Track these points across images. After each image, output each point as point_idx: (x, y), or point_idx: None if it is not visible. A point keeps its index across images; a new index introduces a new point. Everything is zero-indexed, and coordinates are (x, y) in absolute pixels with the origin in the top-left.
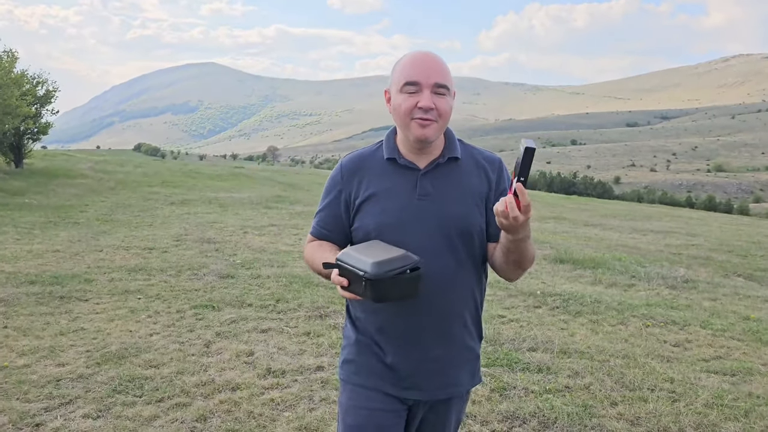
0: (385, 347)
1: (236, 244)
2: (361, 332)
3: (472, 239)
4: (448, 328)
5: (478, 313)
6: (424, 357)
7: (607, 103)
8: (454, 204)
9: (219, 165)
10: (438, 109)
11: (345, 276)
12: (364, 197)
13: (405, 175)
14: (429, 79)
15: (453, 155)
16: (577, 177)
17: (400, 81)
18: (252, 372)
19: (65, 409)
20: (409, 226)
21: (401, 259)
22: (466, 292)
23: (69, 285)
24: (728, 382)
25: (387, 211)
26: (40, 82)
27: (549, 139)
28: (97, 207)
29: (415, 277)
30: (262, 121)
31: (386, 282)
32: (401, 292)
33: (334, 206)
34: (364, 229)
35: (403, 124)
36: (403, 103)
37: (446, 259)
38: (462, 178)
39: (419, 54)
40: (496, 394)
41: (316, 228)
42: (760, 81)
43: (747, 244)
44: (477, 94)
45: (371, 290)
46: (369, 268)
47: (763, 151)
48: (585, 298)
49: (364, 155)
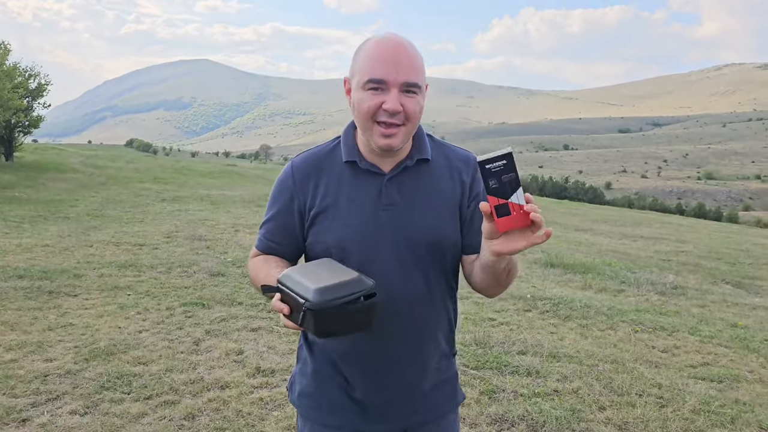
0: (353, 380)
1: (227, 241)
2: (319, 361)
3: (445, 253)
4: (420, 351)
5: (452, 330)
6: (397, 385)
7: (600, 108)
8: (425, 213)
9: (211, 162)
10: (406, 112)
11: (286, 302)
12: (321, 207)
13: (367, 182)
14: (398, 77)
15: (422, 156)
16: (568, 182)
17: (362, 75)
18: (241, 371)
19: (52, 404)
20: (373, 241)
21: (352, 284)
22: (439, 311)
23: (58, 280)
24: (715, 389)
25: (348, 225)
26: (33, 75)
27: (542, 143)
28: (88, 202)
29: (369, 307)
30: (256, 119)
31: (330, 312)
32: (350, 325)
33: (284, 216)
34: (323, 245)
35: (365, 127)
36: (365, 102)
37: (416, 277)
38: (433, 183)
39: (388, 43)
40: (485, 397)
41: (263, 241)
42: (751, 90)
43: (735, 252)
44: (471, 97)
45: (313, 322)
46: (311, 295)
47: (753, 159)
48: (575, 302)
49: (320, 155)
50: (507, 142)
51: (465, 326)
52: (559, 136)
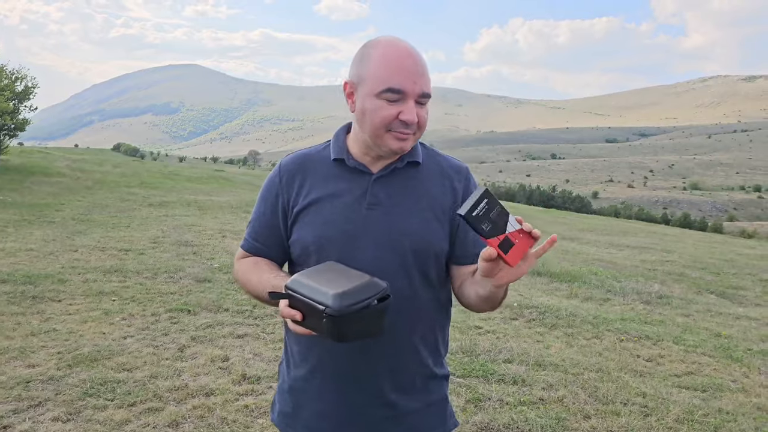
0: (327, 396)
1: (214, 247)
2: (295, 377)
3: (430, 259)
4: (400, 365)
5: (439, 347)
6: (370, 402)
7: (587, 118)
8: (410, 216)
9: (199, 167)
10: (420, 122)
11: (297, 308)
12: (304, 204)
13: (354, 180)
14: (415, 88)
15: (413, 159)
16: (556, 191)
17: (378, 83)
18: (227, 377)
19: (34, 411)
20: (354, 241)
21: (368, 287)
22: (424, 321)
23: (42, 285)
24: (699, 398)
25: (329, 222)
26: (20, 77)
27: (529, 152)
28: (74, 206)
29: (382, 309)
30: (244, 125)
31: (350, 317)
32: (365, 329)
33: (269, 215)
34: (302, 244)
35: (376, 134)
36: (381, 111)
37: (399, 282)
38: (422, 186)
39: (402, 51)
40: (471, 405)
41: (249, 241)
42: (736, 102)
43: (720, 262)
44: (459, 105)
45: (333, 328)
46: (331, 301)
47: (738, 170)
48: (561, 311)
49: (308, 155)
50: (495, 150)
51: (451, 334)
52: (547, 146)
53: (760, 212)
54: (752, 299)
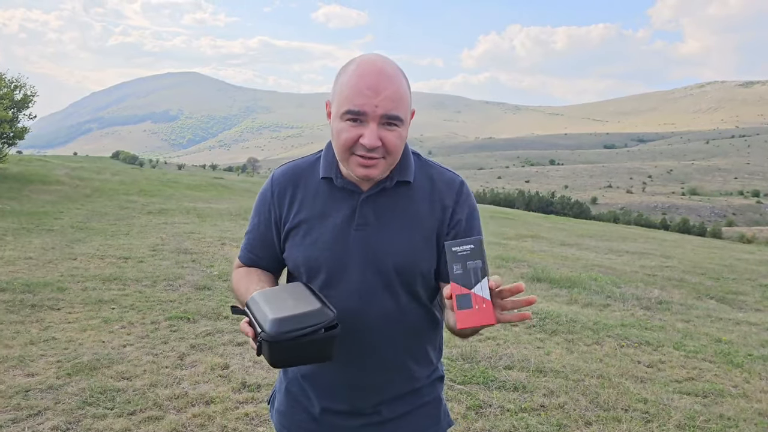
0: (312, 396)
1: (213, 255)
2: (289, 378)
3: (415, 279)
4: (387, 381)
5: (431, 356)
6: (359, 411)
7: (585, 124)
8: (398, 237)
9: (198, 175)
10: (386, 146)
11: (252, 326)
12: (294, 223)
13: (343, 200)
14: (376, 110)
15: (403, 179)
16: (554, 196)
17: (341, 104)
18: (227, 385)
19: (33, 420)
20: (342, 262)
21: (312, 315)
22: (412, 337)
23: (41, 293)
24: (700, 404)
25: (318, 243)
26: (18, 86)
27: (528, 158)
28: (73, 214)
29: (329, 339)
30: (243, 132)
31: (284, 345)
32: (308, 356)
33: (263, 229)
34: (293, 262)
35: (342, 157)
36: (343, 134)
37: (384, 302)
38: (411, 206)
39: (368, 68)
40: (472, 412)
41: (244, 252)
42: (733, 108)
43: (719, 267)
44: (458, 112)
45: (266, 351)
46: (267, 325)
47: (736, 176)
48: (561, 317)
49: (299, 168)
50: (494, 156)
51: (452, 341)
52: (546, 152)
53: (759, 217)
54: (752, 304)
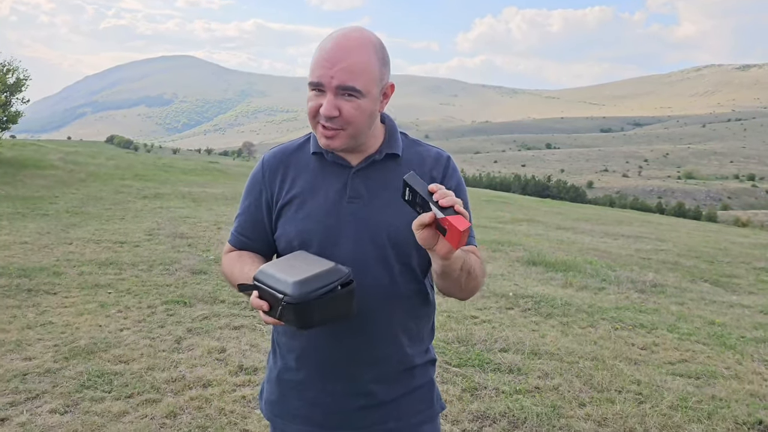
0: (311, 383)
1: (209, 239)
2: (281, 367)
3: (409, 250)
4: (380, 356)
5: (423, 335)
6: (354, 390)
7: (581, 108)
8: (390, 209)
9: (193, 159)
10: (343, 116)
11: (265, 299)
12: (287, 199)
13: (334, 174)
14: (332, 80)
15: (392, 151)
16: (551, 181)
17: (309, 76)
18: (223, 369)
19: (32, 403)
20: (335, 234)
21: (329, 273)
22: (404, 311)
23: (37, 278)
24: (693, 385)
25: (311, 216)
26: (11, 69)
27: (524, 142)
28: (68, 199)
29: (348, 294)
30: (238, 116)
31: (311, 305)
32: (332, 314)
33: (254, 210)
34: (286, 238)
35: (312, 126)
36: (309, 102)
37: (378, 273)
38: (401, 178)
39: (334, 43)
40: (467, 394)
41: (235, 236)
42: (730, 91)
43: (714, 251)
44: (454, 96)
45: (294, 316)
46: (289, 289)
47: (732, 159)
48: (556, 300)
49: (289, 150)
50: (490, 140)
51: (447, 324)
52: (542, 135)
53: (754, 201)
54: (746, 287)
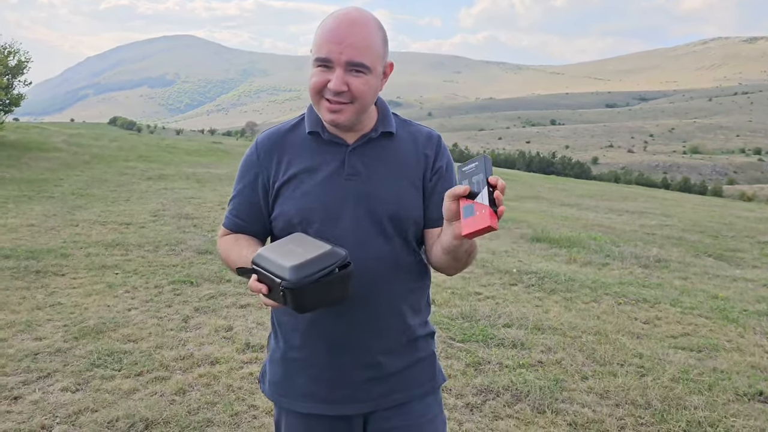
0: (317, 359)
1: (214, 219)
2: (285, 347)
3: (408, 225)
4: (385, 327)
5: (422, 306)
6: (359, 363)
7: (586, 83)
8: (388, 185)
9: (196, 140)
10: (352, 91)
11: (264, 282)
12: (284, 179)
13: (331, 152)
14: (341, 57)
15: (387, 129)
16: (555, 157)
17: (314, 52)
18: (231, 346)
19: (44, 382)
20: (335, 211)
21: (326, 257)
22: (404, 284)
23: (45, 260)
24: (694, 358)
25: (310, 195)
26: (12, 52)
27: (529, 118)
28: (72, 181)
29: (345, 276)
30: (241, 96)
31: (309, 289)
32: (329, 297)
33: (249, 192)
34: (285, 217)
35: (314, 101)
36: (313, 78)
37: (378, 248)
38: (397, 156)
39: (340, 20)
40: (471, 369)
41: (230, 218)
42: (737, 64)
43: (718, 225)
44: (458, 72)
45: (292, 300)
46: (287, 273)
47: (738, 133)
48: (560, 276)
49: (283, 131)
50: (494, 117)
51: (452, 300)
52: (547, 111)
53: (760, 175)
54: (749, 261)
